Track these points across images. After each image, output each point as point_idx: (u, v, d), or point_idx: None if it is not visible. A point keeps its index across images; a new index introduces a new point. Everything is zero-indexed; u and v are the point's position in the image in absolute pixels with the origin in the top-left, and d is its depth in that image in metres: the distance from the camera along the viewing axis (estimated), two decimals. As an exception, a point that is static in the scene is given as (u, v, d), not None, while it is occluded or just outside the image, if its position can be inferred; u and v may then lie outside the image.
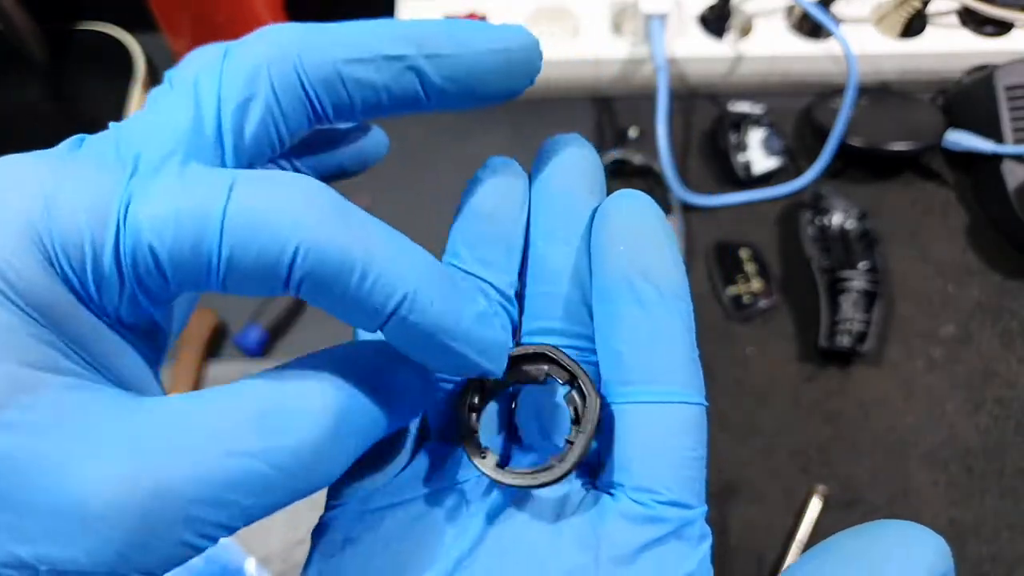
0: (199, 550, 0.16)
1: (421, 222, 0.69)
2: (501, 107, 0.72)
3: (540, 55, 0.20)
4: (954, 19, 0.70)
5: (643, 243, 0.20)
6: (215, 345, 0.59)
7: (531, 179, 0.23)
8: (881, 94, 0.68)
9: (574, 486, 0.21)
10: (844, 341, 0.57)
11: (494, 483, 0.21)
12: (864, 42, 0.68)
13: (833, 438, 0.57)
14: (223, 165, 0.19)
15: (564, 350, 0.21)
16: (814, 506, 0.54)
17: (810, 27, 0.68)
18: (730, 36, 0.70)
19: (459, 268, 0.22)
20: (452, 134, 0.69)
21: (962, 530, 0.54)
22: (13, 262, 0.16)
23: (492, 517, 0.20)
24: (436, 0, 0.70)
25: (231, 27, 0.63)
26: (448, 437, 0.23)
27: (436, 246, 0.69)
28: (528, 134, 0.69)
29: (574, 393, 0.21)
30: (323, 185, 0.17)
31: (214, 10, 0.60)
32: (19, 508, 0.15)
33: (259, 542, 0.52)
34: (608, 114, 0.70)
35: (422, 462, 0.22)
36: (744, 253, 0.62)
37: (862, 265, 0.60)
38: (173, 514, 0.16)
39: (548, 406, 0.22)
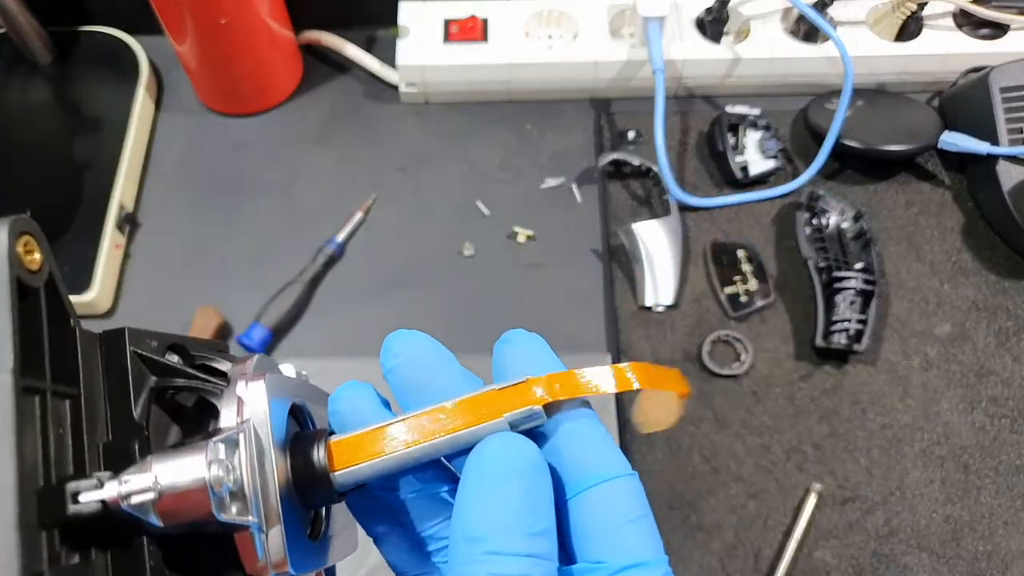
0: None
1: (422, 221, 0.70)
2: (502, 109, 0.73)
3: None
4: (950, 21, 0.71)
5: None
6: (218, 344, 0.60)
7: None
8: (877, 96, 0.69)
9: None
10: (840, 340, 0.58)
11: None
12: (860, 45, 0.69)
13: (829, 436, 0.57)
14: None
15: None
16: (810, 504, 0.54)
17: (807, 30, 0.69)
18: (727, 39, 0.70)
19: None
20: (454, 135, 0.70)
21: (958, 527, 0.54)
22: None
23: None
24: (437, 4, 0.70)
25: (234, 31, 0.63)
26: None
27: (436, 244, 0.69)
28: (529, 135, 0.70)
29: None
30: None
31: (217, 13, 0.61)
32: None
33: None
34: (607, 116, 0.70)
35: None
36: (741, 253, 0.63)
37: (858, 265, 0.60)
38: None
39: None
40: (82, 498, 0.21)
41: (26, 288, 0.21)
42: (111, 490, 0.21)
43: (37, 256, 0.22)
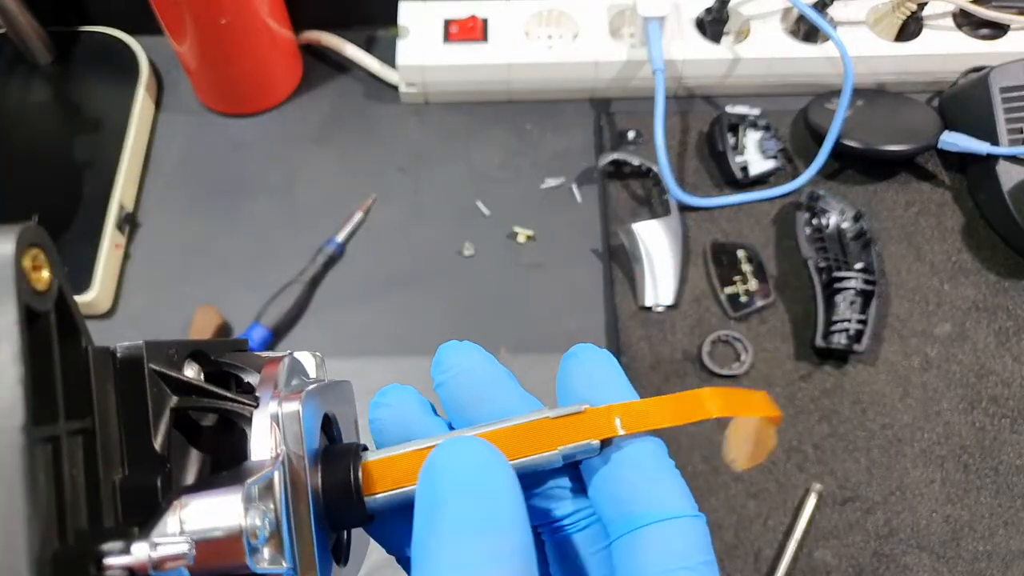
0: None
1: (422, 221, 0.70)
2: (502, 109, 0.73)
3: None
4: (950, 21, 0.71)
5: None
6: (218, 344, 0.60)
7: None
8: (877, 96, 0.69)
9: None
10: (840, 340, 0.58)
11: None
12: (860, 45, 0.69)
13: (829, 436, 0.57)
14: None
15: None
16: (810, 504, 0.54)
17: (807, 30, 0.69)
18: (727, 39, 0.70)
19: None
20: (454, 135, 0.70)
21: (958, 527, 0.54)
22: None
23: None
24: (437, 4, 0.70)
25: (234, 31, 0.63)
26: None
27: (436, 244, 0.70)
28: (529, 135, 0.70)
29: None
30: None
31: (217, 13, 0.61)
32: None
33: None
34: (607, 116, 0.70)
35: None
36: (741, 253, 0.63)
37: (858, 265, 0.60)
38: None
39: None
40: (107, 562, 0.18)
41: (35, 314, 0.17)
42: (140, 554, 0.18)
43: (46, 273, 0.18)
